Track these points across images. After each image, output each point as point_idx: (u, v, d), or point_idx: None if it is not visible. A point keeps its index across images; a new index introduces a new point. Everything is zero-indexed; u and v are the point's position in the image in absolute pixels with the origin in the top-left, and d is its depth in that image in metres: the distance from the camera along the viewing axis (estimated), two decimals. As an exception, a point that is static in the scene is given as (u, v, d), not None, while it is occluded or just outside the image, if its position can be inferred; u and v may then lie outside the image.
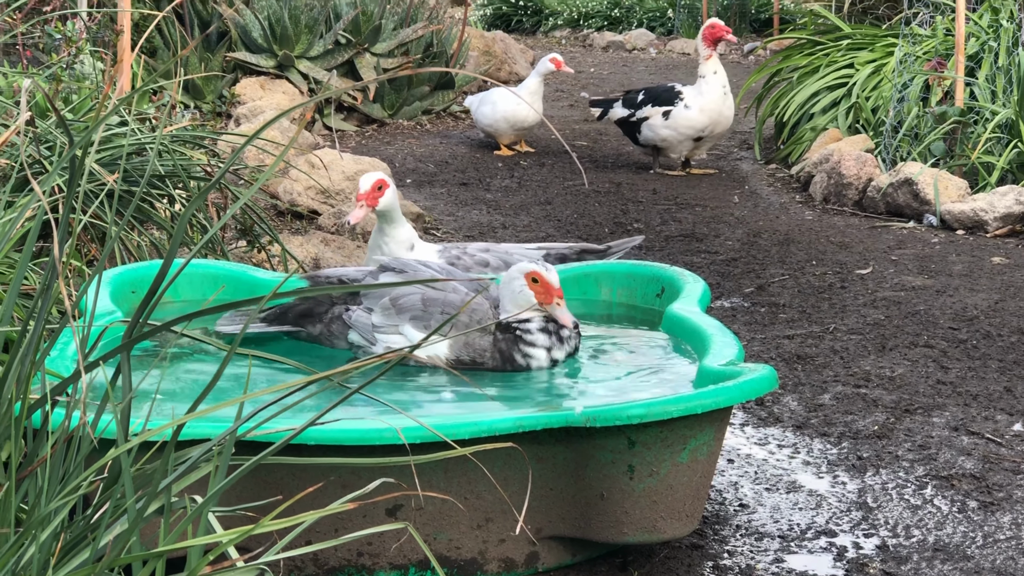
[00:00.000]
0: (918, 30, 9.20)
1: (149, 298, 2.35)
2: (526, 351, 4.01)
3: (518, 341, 4.02)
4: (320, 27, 11.19)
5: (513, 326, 4.02)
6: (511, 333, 4.03)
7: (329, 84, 10.93)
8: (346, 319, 4.19)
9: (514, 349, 4.02)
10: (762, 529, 3.89)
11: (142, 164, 5.57)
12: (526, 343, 4.01)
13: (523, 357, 4.02)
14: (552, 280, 4.01)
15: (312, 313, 4.28)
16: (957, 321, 5.87)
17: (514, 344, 4.02)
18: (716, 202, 8.57)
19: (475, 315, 4.08)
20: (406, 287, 4.11)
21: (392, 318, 4.11)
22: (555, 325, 4.03)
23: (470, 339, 4.03)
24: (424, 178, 9.27)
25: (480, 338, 4.04)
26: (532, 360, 4.02)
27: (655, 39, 18.03)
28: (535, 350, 4.01)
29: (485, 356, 4.04)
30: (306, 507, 3.01)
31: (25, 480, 2.48)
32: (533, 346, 4.01)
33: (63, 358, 3.64)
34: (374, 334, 4.12)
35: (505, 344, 4.03)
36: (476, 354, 4.04)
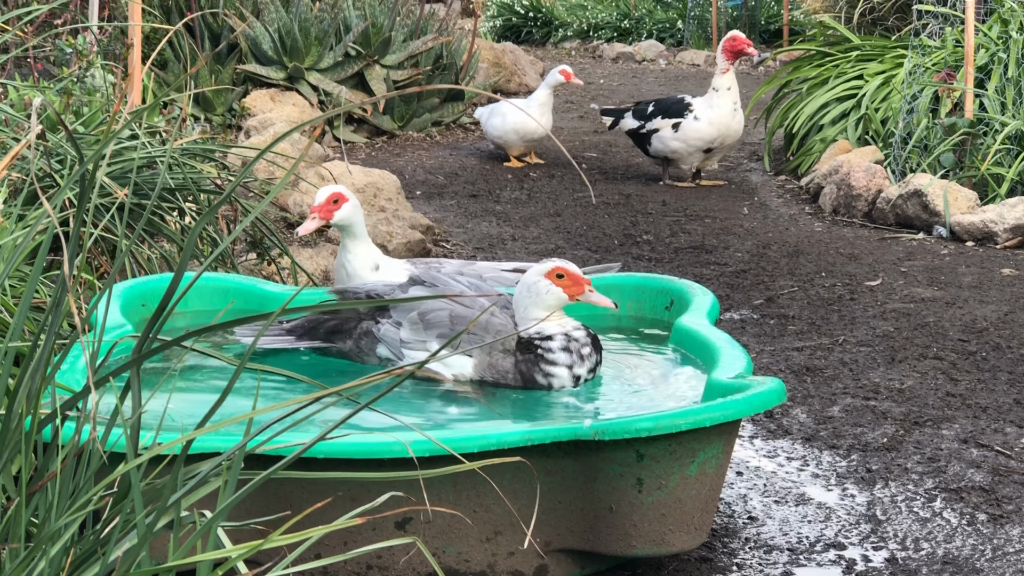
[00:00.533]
0: (927, 41, 9.20)
1: (159, 313, 2.36)
2: (547, 370, 3.97)
3: (539, 361, 3.97)
4: (330, 39, 11.22)
5: (535, 343, 3.98)
6: (532, 352, 3.99)
7: (339, 97, 10.95)
8: (375, 332, 4.16)
9: (535, 369, 3.97)
10: (771, 542, 3.89)
11: (152, 177, 5.58)
12: (547, 362, 3.97)
13: (544, 377, 3.97)
14: (576, 270, 3.97)
15: (342, 329, 4.26)
16: (967, 333, 5.87)
17: (535, 364, 3.98)
18: (726, 214, 8.58)
19: (499, 336, 4.03)
20: (434, 302, 4.08)
21: (420, 333, 4.08)
22: (576, 344, 3.98)
23: (494, 360, 3.99)
24: (434, 190, 9.29)
25: (503, 359, 3.99)
26: (554, 379, 3.97)
27: (665, 50, 18.04)
28: (556, 368, 3.97)
29: (508, 377, 3.99)
30: (315, 521, 3.02)
31: (35, 495, 2.49)
32: (554, 365, 3.97)
33: (73, 372, 3.66)
34: (402, 349, 4.10)
35: (526, 365, 3.98)
36: (499, 375, 4.00)
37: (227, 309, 4.51)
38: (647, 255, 7.42)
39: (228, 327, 2.34)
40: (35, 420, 2.50)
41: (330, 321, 4.27)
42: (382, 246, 6.91)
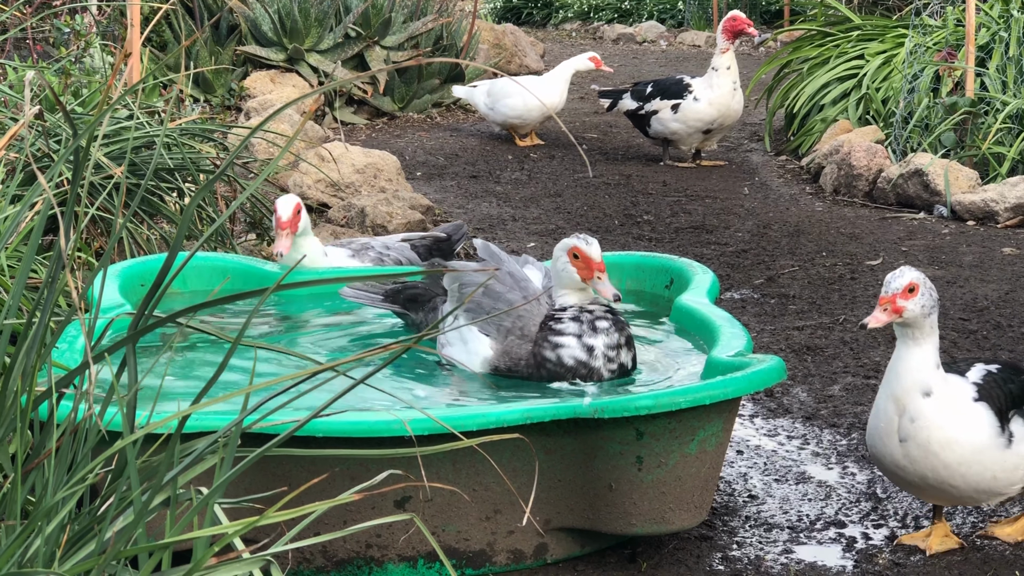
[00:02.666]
0: (928, 21, 9.17)
1: (154, 290, 2.35)
2: (556, 341, 3.81)
3: (548, 333, 3.83)
4: (330, 20, 11.19)
5: (548, 315, 3.86)
6: (544, 329, 3.85)
7: (337, 77, 10.92)
8: (439, 308, 4.16)
9: (544, 345, 3.83)
10: (771, 520, 3.89)
11: (151, 157, 5.57)
12: (555, 332, 3.82)
13: (552, 349, 3.81)
14: (592, 253, 3.80)
15: (418, 300, 4.26)
16: (967, 312, 5.86)
17: (544, 339, 3.83)
18: (726, 194, 8.56)
19: (520, 321, 3.90)
20: (475, 277, 3.97)
21: (461, 311, 3.97)
22: (588, 315, 3.82)
23: (509, 346, 3.88)
24: (434, 171, 9.27)
25: (519, 346, 3.88)
26: (563, 351, 3.80)
27: (665, 31, 18.00)
28: (565, 339, 3.81)
29: (520, 364, 3.87)
30: (314, 499, 3.01)
31: (32, 472, 2.48)
32: (562, 335, 3.82)
33: (71, 351, 3.65)
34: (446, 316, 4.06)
35: (537, 344, 3.84)
36: (513, 362, 3.88)
37: (221, 287, 4.50)
38: (647, 235, 7.40)
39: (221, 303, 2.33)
40: (31, 397, 2.49)
41: (410, 290, 4.27)
42: (382, 227, 6.90)
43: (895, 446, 3.56)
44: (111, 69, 6.84)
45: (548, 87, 9.93)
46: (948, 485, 3.56)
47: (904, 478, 3.60)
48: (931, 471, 3.53)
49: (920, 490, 3.63)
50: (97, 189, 5.22)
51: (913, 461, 3.54)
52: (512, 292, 3.93)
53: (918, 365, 3.54)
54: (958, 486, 3.56)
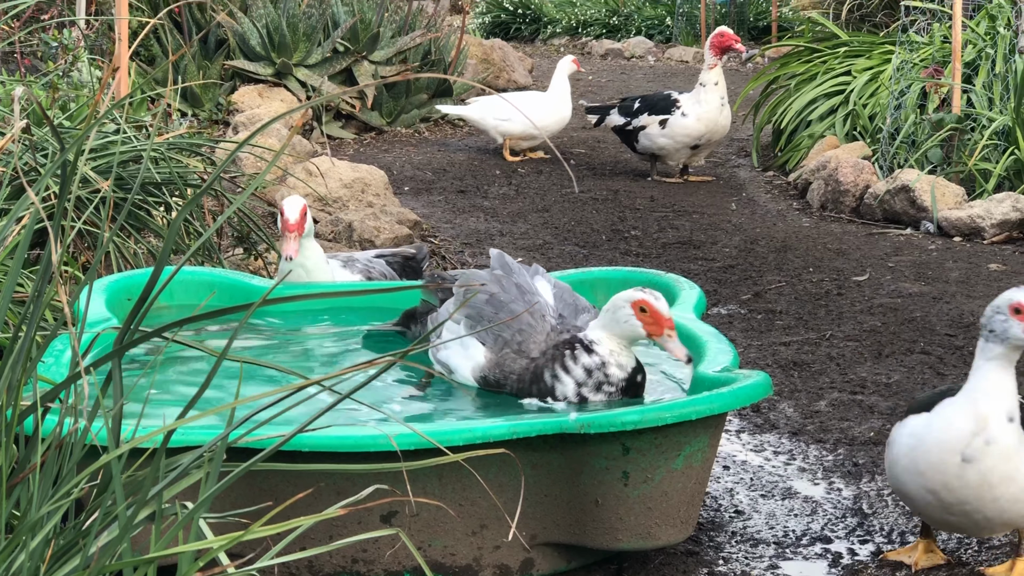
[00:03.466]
0: (915, 37, 9.20)
1: (140, 305, 2.35)
2: (559, 374, 3.72)
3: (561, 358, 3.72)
4: (318, 35, 11.20)
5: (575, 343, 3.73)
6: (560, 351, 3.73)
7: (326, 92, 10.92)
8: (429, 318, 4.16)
9: (548, 367, 3.73)
10: (757, 536, 3.89)
11: (138, 171, 5.57)
12: (564, 368, 3.72)
13: (551, 378, 3.72)
14: (663, 309, 3.66)
15: (415, 315, 4.31)
16: (954, 328, 5.87)
17: (554, 362, 3.73)
18: (713, 209, 8.57)
19: (520, 336, 3.83)
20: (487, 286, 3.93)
21: (458, 315, 3.94)
22: (601, 375, 3.70)
23: (502, 358, 3.82)
24: (422, 186, 9.28)
25: (514, 360, 3.81)
26: (558, 385, 3.72)
27: (653, 47, 18.04)
28: (567, 377, 3.71)
29: (511, 380, 3.79)
30: (299, 514, 3.00)
31: (17, 487, 2.48)
32: (568, 373, 3.71)
33: (56, 365, 3.64)
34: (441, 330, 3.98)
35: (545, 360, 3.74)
36: (503, 376, 3.81)
37: (207, 301, 4.49)
38: (635, 250, 7.41)
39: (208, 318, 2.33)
40: (16, 412, 2.48)
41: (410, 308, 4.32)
42: (369, 241, 6.90)
43: (952, 463, 3.39)
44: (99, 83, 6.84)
45: (560, 99, 10.09)
46: (985, 517, 3.41)
47: (939, 500, 3.42)
48: (979, 499, 3.38)
49: (949, 515, 3.45)
50: (84, 203, 5.22)
51: (966, 485, 3.37)
52: (516, 303, 3.88)
53: (1012, 389, 3.43)
54: (992, 520, 3.42)
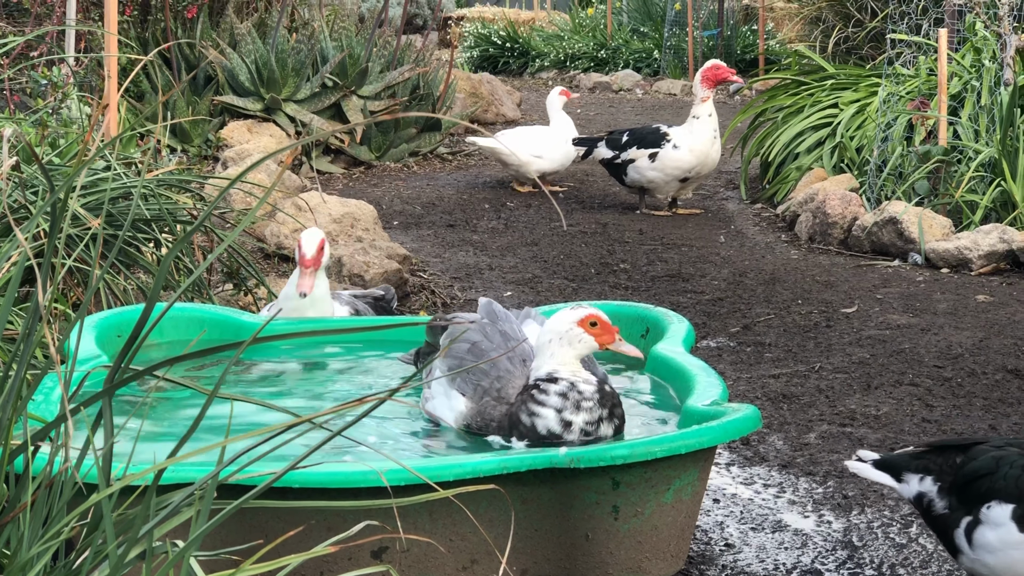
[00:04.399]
0: (901, 70, 9.25)
1: (131, 343, 2.36)
2: (533, 409, 3.71)
3: (529, 400, 3.74)
4: (307, 70, 11.24)
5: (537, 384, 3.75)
6: (526, 392, 3.76)
7: (315, 127, 10.96)
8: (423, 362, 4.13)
9: (522, 409, 3.74)
10: (748, 569, 3.89)
11: (128, 208, 5.58)
12: (536, 402, 3.72)
13: (528, 416, 3.71)
14: (606, 318, 3.80)
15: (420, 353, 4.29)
16: (942, 359, 5.89)
17: (524, 404, 3.74)
18: (702, 242, 8.60)
19: (498, 383, 3.83)
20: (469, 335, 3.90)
21: (443, 364, 3.94)
22: (576, 394, 3.70)
23: (483, 407, 3.82)
24: (411, 220, 9.29)
25: (494, 408, 3.81)
26: (538, 420, 3.70)
27: (641, 80, 18.11)
28: (544, 410, 3.70)
29: (492, 427, 3.79)
30: (290, 551, 3.01)
31: (7, 526, 2.48)
32: (543, 406, 3.71)
33: (47, 403, 3.64)
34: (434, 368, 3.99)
35: (516, 406, 3.75)
36: (484, 424, 3.81)
37: (198, 339, 4.49)
38: (624, 283, 7.43)
39: (198, 357, 2.33)
40: (6, 450, 2.49)
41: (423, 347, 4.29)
42: (359, 276, 6.91)
43: None
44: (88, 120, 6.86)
45: (567, 132, 10.23)
46: None
47: None
48: None
49: None
50: (74, 240, 5.22)
51: None
52: (499, 351, 3.87)
53: None
54: None
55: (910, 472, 3.53)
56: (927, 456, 3.53)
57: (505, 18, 21.57)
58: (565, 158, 10.21)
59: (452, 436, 3.89)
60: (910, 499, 3.53)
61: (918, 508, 3.50)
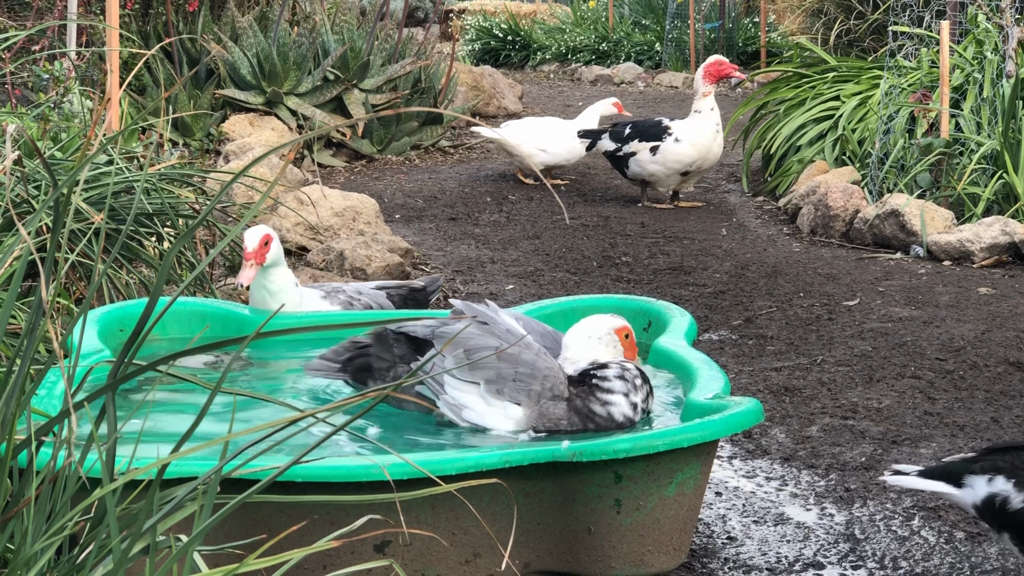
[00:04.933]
0: (903, 62, 9.25)
1: (134, 338, 2.36)
2: (605, 399, 3.76)
3: (595, 390, 3.78)
4: (308, 64, 11.23)
5: (589, 372, 3.81)
6: (585, 384, 3.80)
7: (317, 121, 10.96)
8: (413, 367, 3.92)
9: (591, 400, 3.77)
10: (750, 562, 3.90)
11: (130, 202, 5.58)
12: (604, 390, 3.77)
13: (603, 406, 3.76)
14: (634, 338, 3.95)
15: (371, 368, 4.04)
16: (944, 352, 5.89)
17: (591, 394, 3.78)
18: (704, 235, 8.60)
19: (547, 383, 3.81)
20: (480, 339, 3.85)
21: (465, 371, 3.83)
22: (630, 372, 3.81)
23: (544, 408, 3.78)
24: (413, 213, 9.30)
25: (554, 405, 3.78)
26: (613, 408, 3.76)
27: (643, 72, 18.10)
28: (614, 396, 3.77)
29: (563, 424, 3.78)
30: (293, 545, 3.01)
31: (11, 520, 2.48)
32: (612, 392, 3.77)
33: (50, 397, 3.65)
34: (445, 388, 3.86)
35: (581, 399, 3.78)
36: (552, 423, 3.79)
37: (202, 334, 4.50)
38: (626, 276, 7.43)
39: (203, 351, 2.34)
40: (10, 446, 2.49)
41: (357, 359, 4.07)
42: (361, 269, 6.91)
43: None
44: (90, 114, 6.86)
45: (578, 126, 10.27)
46: None
47: None
48: None
49: None
50: (77, 235, 5.23)
51: None
52: (525, 352, 3.85)
53: None
54: None
55: (974, 475, 3.55)
56: (990, 457, 3.56)
57: (507, 11, 21.57)
58: (570, 153, 10.20)
59: (455, 430, 3.89)
60: (975, 503, 3.55)
61: (987, 510, 3.52)
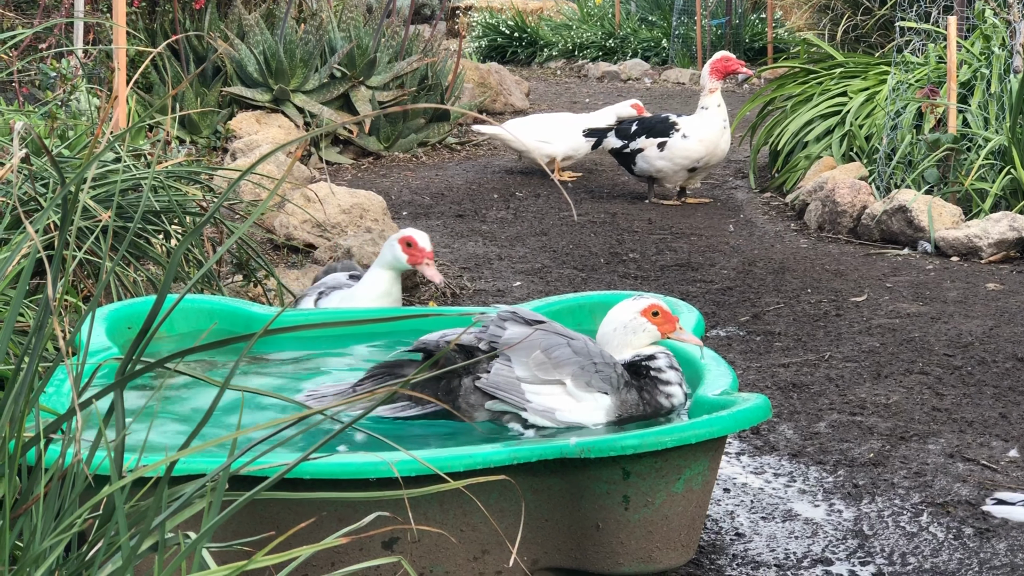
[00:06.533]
0: (910, 58, 9.23)
1: (142, 336, 2.36)
2: (667, 391, 3.83)
3: (657, 383, 3.83)
4: (315, 61, 11.24)
5: (644, 366, 3.86)
6: (646, 377, 3.85)
7: (323, 118, 10.96)
8: (483, 387, 3.82)
9: (657, 393, 3.82)
10: (758, 558, 3.90)
11: (137, 200, 5.59)
12: (663, 382, 3.83)
13: (667, 399, 3.83)
14: (668, 308, 3.94)
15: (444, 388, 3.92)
16: (952, 348, 5.88)
17: (655, 387, 3.83)
18: (711, 231, 8.60)
19: (618, 369, 3.83)
20: (550, 338, 3.84)
21: (549, 372, 3.80)
22: (675, 360, 3.88)
23: (623, 396, 3.81)
24: (420, 210, 9.30)
25: (628, 392, 3.82)
26: (674, 399, 3.83)
27: (650, 69, 18.08)
28: (672, 388, 3.83)
29: (639, 409, 3.81)
30: (302, 541, 3.01)
31: (20, 518, 2.49)
32: (669, 384, 3.84)
33: (58, 395, 3.65)
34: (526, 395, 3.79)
35: (648, 392, 3.82)
36: (632, 409, 3.81)
37: (210, 330, 4.50)
38: (633, 273, 7.43)
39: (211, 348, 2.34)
40: (19, 443, 2.49)
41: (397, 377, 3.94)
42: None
43: None
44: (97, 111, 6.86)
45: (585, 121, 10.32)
46: None
47: None
48: None
49: None
50: (84, 232, 5.23)
51: None
52: (589, 344, 3.88)
53: None
54: None
55: None
56: None
57: (513, 7, 21.55)
58: (576, 143, 10.23)
59: (462, 426, 3.89)
60: None
61: None
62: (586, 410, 3.80)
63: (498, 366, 3.82)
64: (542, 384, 3.80)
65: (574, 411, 3.80)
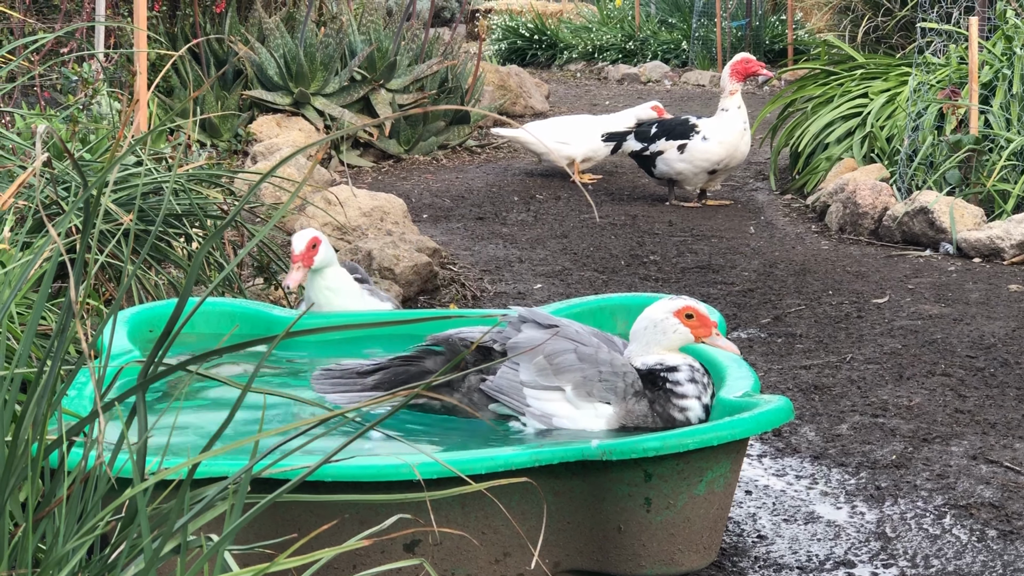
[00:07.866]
0: (932, 59, 9.21)
1: (164, 338, 2.37)
2: (681, 404, 3.76)
3: (671, 396, 3.77)
4: (335, 64, 11.25)
5: (660, 376, 3.79)
6: (660, 388, 3.79)
7: (344, 121, 10.97)
8: (487, 390, 3.83)
9: (670, 407, 3.77)
10: (781, 561, 3.88)
11: (159, 203, 5.60)
12: (678, 396, 3.76)
13: (680, 412, 3.76)
14: (705, 311, 3.85)
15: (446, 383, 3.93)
16: (974, 349, 5.86)
17: (668, 401, 3.77)
18: (732, 233, 8.58)
19: (628, 379, 3.79)
20: (557, 343, 3.81)
21: (550, 378, 3.80)
22: (699, 374, 3.79)
23: (630, 406, 3.77)
24: (440, 213, 9.30)
25: (637, 403, 3.78)
26: (690, 413, 3.76)
27: (669, 71, 18.07)
28: (688, 401, 3.76)
29: (648, 421, 3.77)
30: (323, 544, 3.02)
31: (43, 520, 2.49)
32: (685, 398, 3.76)
33: (80, 398, 3.66)
34: (527, 399, 3.79)
35: (660, 404, 3.77)
36: (639, 420, 3.78)
37: (231, 333, 4.50)
38: (654, 275, 7.42)
39: (233, 351, 2.34)
40: (42, 446, 2.50)
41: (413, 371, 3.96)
42: (388, 269, 6.91)
43: None
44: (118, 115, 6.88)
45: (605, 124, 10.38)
46: None
47: None
48: None
49: None
50: (106, 236, 5.24)
51: None
52: (601, 351, 3.84)
53: None
54: None
55: None
56: None
57: (533, 10, 21.56)
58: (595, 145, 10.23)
59: (484, 429, 3.89)
60: None
61: None
62: (585, 418, 3.78)
63: (504, 369, 3.84)
64: (542, 389, 3.80)
65: (572, 418, 3.79)
